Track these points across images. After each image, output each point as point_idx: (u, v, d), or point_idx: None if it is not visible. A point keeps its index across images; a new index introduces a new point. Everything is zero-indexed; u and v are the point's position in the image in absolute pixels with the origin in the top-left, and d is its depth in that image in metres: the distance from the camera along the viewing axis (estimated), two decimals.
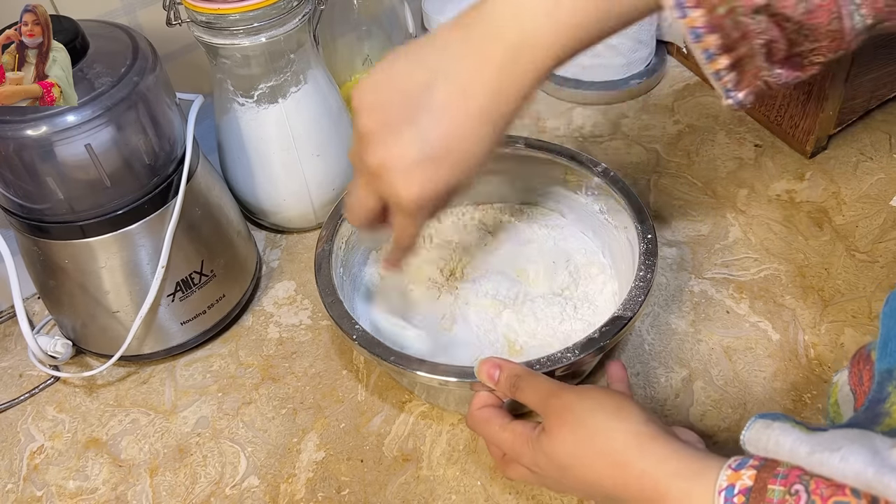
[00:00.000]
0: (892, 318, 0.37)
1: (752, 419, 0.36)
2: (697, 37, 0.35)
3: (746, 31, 0.35)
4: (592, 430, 0.40)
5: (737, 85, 0.37)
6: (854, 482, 0.30)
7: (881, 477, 0.28)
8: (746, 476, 0.33)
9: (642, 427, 0.39)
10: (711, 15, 0.35)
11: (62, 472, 0.56)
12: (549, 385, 0.43)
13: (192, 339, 0.61)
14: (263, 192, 0.66)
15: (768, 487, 0.32)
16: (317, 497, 0.52)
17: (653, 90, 0.81)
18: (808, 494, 0.31)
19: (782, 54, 0.36)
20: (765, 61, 0.36)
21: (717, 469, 0.35)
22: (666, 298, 0.62)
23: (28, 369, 0.62)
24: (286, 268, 0.68)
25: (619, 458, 0.39)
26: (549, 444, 0.41)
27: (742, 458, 0.35)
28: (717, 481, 0.34)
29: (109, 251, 0.53)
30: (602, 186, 0.58)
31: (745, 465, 0.34)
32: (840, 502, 0.30)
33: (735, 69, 0.36)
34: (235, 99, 0.62)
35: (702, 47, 0.36)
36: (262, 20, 0.56)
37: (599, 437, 0.39)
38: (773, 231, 0.66)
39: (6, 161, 0.48)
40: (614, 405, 0.41)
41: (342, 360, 0.60)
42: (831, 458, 0.30)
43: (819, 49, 0.36)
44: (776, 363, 0.57)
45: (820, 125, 0.69)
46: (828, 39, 0.35)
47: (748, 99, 0.38)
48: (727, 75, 0.37)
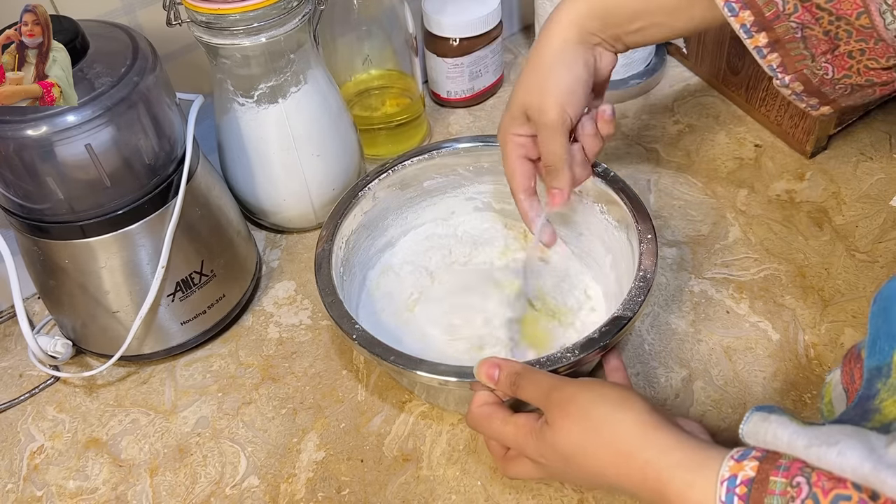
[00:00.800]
0: (880, 317, 0.37)
1: (750, 411, 0.36)
2: (732, 11, 0.38)
3: (778, 12, 0.37)
4: (596, 420, 0.40)
5: (783, 67, 0.39)
6: (851, 476, 0.30)
7: (878, 473, 0.29)
8: (749, 467, 0.34)
9: (646, 416, 0.39)
10: None
11: (62, 472, 0.56)
12: (550, 379, 0.44)
13: (192, 339, 0.61)
14: (263, 192, 0.66)
15: (770, 479, 0.32)
16: (317, 497, 0.52)
17: (653, 90, 0.81)
18: (809, 487, 0.31)
19: (824, 46, 0.38)
20: (805, 49, 0.38)
21: (719, 460, 0.35)
22: (666, 298, 0.62)
23: (28, 369, 0.62)
24: (286, 268, 0.68)
25: (623, 448, 0.39)
26: (553, 435, 0.41)
27: (745, 450, 0.35)
28: (719, 472, 0.34)
29: (109, 251, 0.53)
30: (602, 186, 0.58)
31: (747, 457, 0.34)
32: (841, 495, 0.30)
33: (776, 50, 0.38)
34: (235, 99, 0.62)
35: (738, 21, 0.38)
36: (262, 20, 0.56)
37: (603, 428, 0.40)
38: (773, 231, 0.66)
39: (6, 161, 0.47)
40: (617, 396, 0.41)
41: (342, 360, 0.60)
42: (829, 453, 0.31)
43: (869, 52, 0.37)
44: (776, 363, 0.57)
45: (820, 125, 0.69)
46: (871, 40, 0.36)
47: (797, 86, 0.39)
48: (770, 55, 0.39)
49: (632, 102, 0.80)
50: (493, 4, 0.75)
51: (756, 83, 0.74)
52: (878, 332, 0.37)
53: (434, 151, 0.62)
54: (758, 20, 0.38)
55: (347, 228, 0.58)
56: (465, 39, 0.75)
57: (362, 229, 0.61)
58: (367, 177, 0.61)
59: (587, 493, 0.50)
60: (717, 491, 0.34)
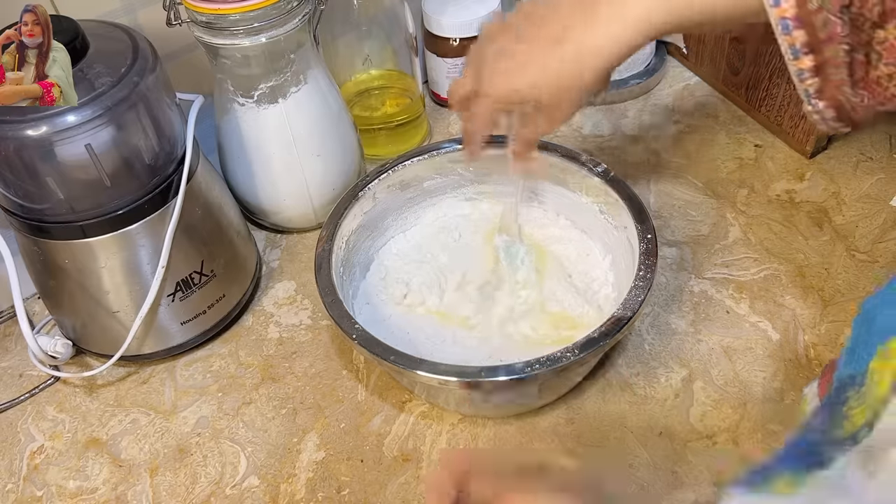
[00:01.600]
0: (863, 326, 0.36)
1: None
2: (786, 29, 0.36)
3: (832, 34, 0.35)
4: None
5: (819, 93, 0.38)
6: None
7: None
8: None
9: None
10: (802, 8, 0.35)
11: (62, 472, 0.56)
12: None
13: (192, 339, 0.61)
14: (263, 192, 0.66)
15: None
16: (317, 497, 0.52)
17: (653, 90, 0.81)
18: None
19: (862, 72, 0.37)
20: (847, 75, 0.37)
21: None
22: (666, 298, 0.62)
23: (28, 369, 0.62)
24: (286, 268, 0.68)
25: None
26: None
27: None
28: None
29: (109, 251, 0.53)
30: (602, 186, 0.58)
31: None
32: None
33: (819, 75, 0.37)
34: (235, 99, 0.62)
35: (788, 42, 0.37)
36: (262, 20, 0.56)
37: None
38: (773, 231, 0.66)
39: (6, 161, 0.48)
40: None
41: (342, 360, 0.60)
42: None
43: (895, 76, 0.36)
44: (776, 363, 0.57)
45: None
46: None
47: (828, 113, 0.38)
48: (810, 79, 0.37)
49: (632, 102, 0.80)
50: (492, 4, 0.75)
51: (756, 83, 0.74)
52: (859, 340, 0.36)
53: (434, 151, 0.62)
54: (810, 41, 0.36)
55: (347, 228, 0.58)
56: (465, 39, 0.75)
57: (362, 229, 0.61)
58: (367, 177, 0.61)
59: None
60: None
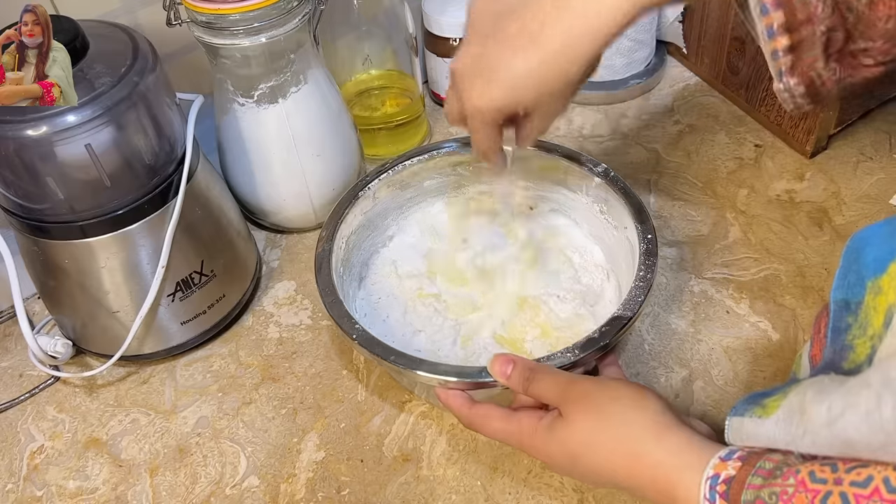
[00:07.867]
0: (851, 256, 0.37)
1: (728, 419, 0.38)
2: (764, 10, 0.36)
3: (811, 15, 0.36)
4: (611, 417, 0.40)
5: (791, 70, 0.38)
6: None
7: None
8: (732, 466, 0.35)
9: (659, 417, 0.40)
10: None
11: (62, 472, 0.56)
12: (566, 375, 0.44)
13: (192, 339, 0.61)
14: (263, 192, 0.66)
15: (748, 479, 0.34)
16: (317, 497, 0.52)
17: (653, 90, 0.81)
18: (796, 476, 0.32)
19: (838, 47, 0.37)
20: (822, 52, 0.37)
21: None
22: (666, 298, 0.62)
23: (28, 369, 0.62)
24: (286, 268, 0.68)
25: (635, 448, 0.39)
26: (566, 429, 0.41)
27: (731, 449, 0.36)
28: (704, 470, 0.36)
29: (109, 251, 0.53)
30: (602, 186, 0.58)
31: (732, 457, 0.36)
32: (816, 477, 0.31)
33: (792, 52, 0.37)
34: (235, 99, 0.62)
35: (766, 22, 0.37)
36: (262, 20, 0.56)
37: (618, 426, 0.40)
38: (773, 231, 0.66)
39: (6, 161, 0.47)
40: (633, 394, 0.41)
41: (342, 360, 0.60)
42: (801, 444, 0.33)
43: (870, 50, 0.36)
44: (776, 363, 0.57)
45: (820, 125, 0.69)
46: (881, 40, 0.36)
47: (798, 89, 0.39)
48: (784, 57, 0.38)
49: (632, 102, 0.80)
50: None
51: (756, 83, 0.74)
52: (850, 268, 0.37)
53: (434, 151, 0.62)
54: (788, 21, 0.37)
55: (347, 228, 0.58)
56: None
57: (362, 229, 0.61)
58: (367, 177, 0.61)
59: (587, 493, 0.50)
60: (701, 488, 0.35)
